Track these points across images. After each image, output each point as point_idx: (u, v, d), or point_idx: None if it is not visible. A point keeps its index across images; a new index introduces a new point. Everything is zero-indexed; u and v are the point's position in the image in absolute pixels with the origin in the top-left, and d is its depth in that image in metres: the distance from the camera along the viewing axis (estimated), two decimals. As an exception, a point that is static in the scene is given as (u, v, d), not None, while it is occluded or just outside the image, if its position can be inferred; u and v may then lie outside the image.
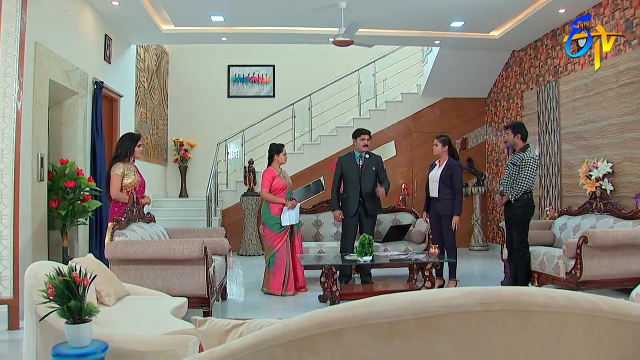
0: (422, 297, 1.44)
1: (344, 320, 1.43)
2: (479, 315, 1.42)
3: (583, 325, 1.46)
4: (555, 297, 1.48)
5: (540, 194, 7.67)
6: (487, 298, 1.44)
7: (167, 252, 4.15)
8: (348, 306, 1.47)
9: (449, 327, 1.41)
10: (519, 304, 1.44)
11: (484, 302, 1.43)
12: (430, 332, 1.41)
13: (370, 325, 1.41)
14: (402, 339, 1.41)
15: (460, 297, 1.44)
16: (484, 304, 1.43)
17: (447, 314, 1.42)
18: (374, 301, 1.46)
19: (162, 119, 10.05)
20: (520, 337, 1.44)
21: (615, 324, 1.48)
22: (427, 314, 1.41)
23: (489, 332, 1.43)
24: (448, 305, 1.42)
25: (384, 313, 1.42)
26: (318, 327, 1.44)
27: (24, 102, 4.68)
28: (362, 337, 1.42)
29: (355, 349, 1.42)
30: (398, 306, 1.43)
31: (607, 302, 1.51)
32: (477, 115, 9.68)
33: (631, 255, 4.88)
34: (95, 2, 6.24)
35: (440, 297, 1.44)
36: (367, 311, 1.44)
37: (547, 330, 1.45)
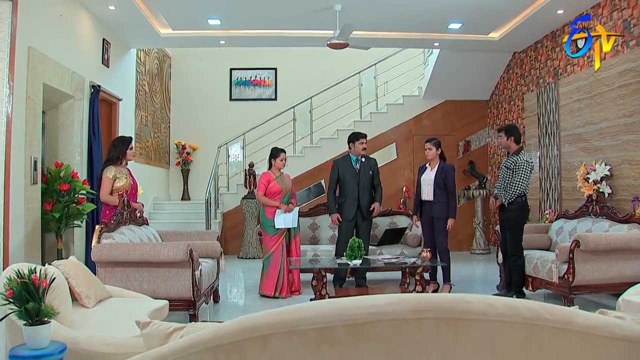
0: (351, 304, 1.42)
1: (271, 325, 1.42)
2: (411, 323, 1.40)
3: (522, 334, 1.43)
4: (494, 305, 1.45)
5: (541, 197, 7.59)
6: (419, 306, 1.41)
7: (153, 255, 4.16)
8: (277, 311, 1.46)
9: (379, 335, 1.39)
10: (453, 312, 1.41)
11: (416, 310, 1.41)
12: (359, 339, 1.39)
13: (297, 331, 1.40)
14: (330, 346, 1.39)
15: (391, 305, 1.42)
16: (416, 312, 1.40)
17: (376, 321, 1.39)
18: (302, 307, 1.45)
19: (164, 122, 10.10)
20: (455, 346, 1.41)
21: (558, 333, 1.44)
22: (356, 321, 1.39)
23: (422, 341, 1.40)
24: (378, 312, 1.40)
25: (312, 319, 1.40)
26: (246, 332, 1.44)
27: (16, 106, 4.73)
28: (290, 343, 1.40)
29: (282, 354, 1.41)
30: (326, 312, 1.41)
31: (550, 311, 1.47)
32: (479, 118, 9.61)
33: (625, 260, 4.80)
34: (92, 7, 6.29)
35: (370, 304, 1.42)
36: (295, 317, 1.42)
37: (484, 339, 1.42)
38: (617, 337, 1.47)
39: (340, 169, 6.13)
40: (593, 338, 1.46)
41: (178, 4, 6.46)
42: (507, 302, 1.45)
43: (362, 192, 6.03)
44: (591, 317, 1.49)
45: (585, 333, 1.46)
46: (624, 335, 1.48)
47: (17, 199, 4.81)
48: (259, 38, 7.59)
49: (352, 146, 6.16)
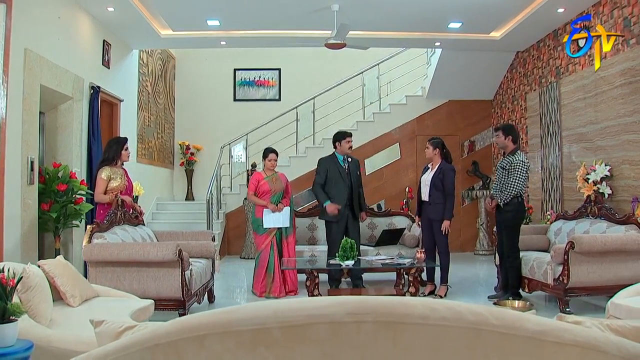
0: (288, 306, 1.41)
1: (207, 326, 1.42)
2: (348, 326, 1.38)
3: (466, 339, 1.40)
4: (436, 308, 1.42)
5: (543, 198, 7.51)
6: (357, 308, 1.40)
7: (142, 255, 4.18)
8: (213, 312, 1.46)
9: (316, 337, 1.38)
10: (392, 316, 1.39)
11: (354, 313, 1.39)
12: (295, 341, 1.38)
13: (233, 332, 1.40)
14: (266, 348, 1.38)
15: (329, 307, 1.40)
16: (354, 315, 1.39)
17: (313, 324, 1.38)
18: (239, 308, 1.44)
19: (168, 123, 10.16)
20: (395, 350, 1.39)
21: (505, 339, 1.41)
22: (292, 323, 1.38)
23: (360, 344, 1.39)
24: (314, 314, 1.39)
25: (247, 320, 1.40)
26: (182, 332, 1.44)
27: (12, 107, 4.79)
28: (226, 344, 1.40)
29: (219, 355, 1.40)
30: (262, 314, 1.40)
31: (497, 315, 1.44)
32: (483, 118, 9.53)
33: (622, 262, 4.72)
34: (91, 9, 6.34)
35: (308, 306, 1.41)
36: (230, 318, 1.42)
37: (425, 343, 1.40)
38: (567, 342, 1.44)
39: (329, 169, 6.07)
40: (542, 344, 1.43)
41: (177, 5, 6.50)
42: (451, 306, 1.42)
43: (353, 192, 6.01)
44: (541, 322, 1.46)
45: (534, 338, 1.43)
46: (574, 341, 1.45)
47: (14, 199, 4.87)
48: (258, 39, 7.61)
49: (338, 145, 6.13)
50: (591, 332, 1.50)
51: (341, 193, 5.98)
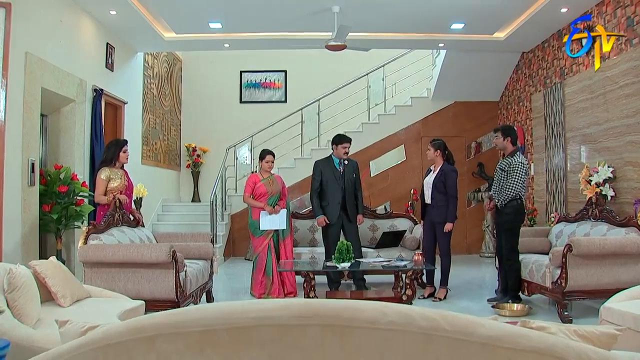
0: (235, 308, 1.41)
1: (156, 326, 1.43)
2: (295, 329, 1.38)
3: (417, 344, 1.39)
4: (386, 312, 1.41)
5: (547, 200, 7.43)
6: (304, 312, 1.39)
7: (136, 256, 4.21)
8: (164, 313, 1.47)
9: (262, 340, 1.38)
10: (339, 319, 1.39)
11: (300, 316, 1.39)
12: (241, 343, 1.38)
13: (181, 333, 1.40)
14: (212, 349, 1.39)
15: (276, 310, 1.40)
16: (300, 318, 1.39)
17: (260, 326, 1.39)
18: (189, 310, 1.45)
19: (175, 125, 10.23)
20: (342, 355, 1.38)
21: (458, 344, 1.39)
22: (239, 325, 1.38)
23: (307, 348, 1.38)
24: (260, 317, 1.39)
25: (195, 322, 1.40)
26: (133, 333, 1.45)
27: (13, 110, 4.86)
28: (175, 345, 1.41)
29: (167, 356, 1.41)
30: (209, 316, 1.41)
31: (449, 320, 1.42)
32: (489, 119, 9.45)
33: (621, 265, 4.65)
34: (94, 13, 6.41)
35: (255, 308, 1.42)
36: (179, 319, 1.42)
37: (373, 348, 1.38)
38: (524, 348, 1.41)
39: (323, 171, 6.06)
40: (497, 350, 1.40)
41: (178, 8, 6.54)
42: (402, 311, 1.41)
43: (347, 195, 5.98)
44: (496, 327, 1.44)
45: (488, 344, 1.40)
46: (531, 347, 1.42)
47: (14, 200, 4.94)
48: (260, 41, 7.64)
49: (334, 148, 6.11)
50: (549, 339, 1.48)
51: (335, 196, 5.96)
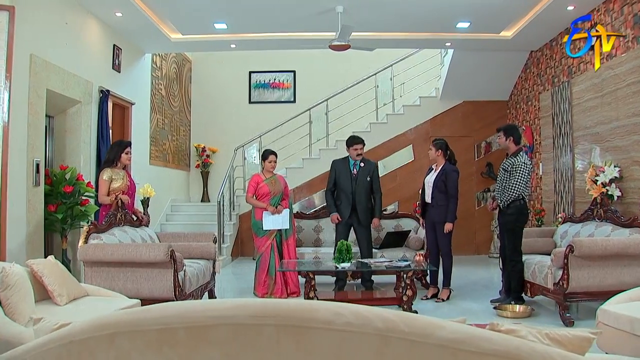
0: (194, 307, 1.42)
1: (116, 324, 1.44)
2: (250, 329, 1.38)
3: (374, 346, 1.38)
4: (342, 313, 1.40)
5: (555, 200, 7.34)
6: (259, 311, 1.40)
7: (134, 255, 4.25)
8: (125, 311, 1.49)
9: (219, 339, 1.39)
10: (295, 320, 1.38)
11: (256, 316, 1.39)
12: (199, 342, 1.39)
13: (140, 331, 1.42)
14: (170, 347, 1.40)
15: (232, 309, 1.41)
16: (256, 317, 1.39)
17: (217, 325, 1.39)
18: (149, 308, 1.46)
19: (184, 125, 10.30)
20: (298, 355, 1.38)
21: (415, 347, 1.37)
22: (196, 324, 1.39)
23: (262, 347, 1.38)
24: (217, 316, 1.40)
25: (153, 320, 1.41)
26: (94, 330, 1.47)
27: (18, 111, 4.94)
28: (134, 343, 1.42)
29: (127, 353, 1.42)
30: (168, 314, 1.42)
31: (409, 322, 1.41)
32: (498, 119, 9.35)
33: (624, 266, 4.57)
34: (100, 14, 6.49)
35: (211, 307, 1.42)
36: (139, 317, 1.44)
37: (329, 349, 1.38)
38: (486, 352, 1.39)
39: (337, 171, 6.08)
40: (456, 352, 1.38)
41: (184, 9, 6.58)
42: (358, 312, 1.40)
43: (358, 197, 5.94)
44: (457, 330, 1.42)
45: (447, 347, 1.38)
46: (492, 350, 1.40)
47: (19, 200, 5.02)
48: (265, 41, 7.66)
49: (347, 150, 6.10)
50: (514, 342, 1.45)
51: (347, 196, 5.95)
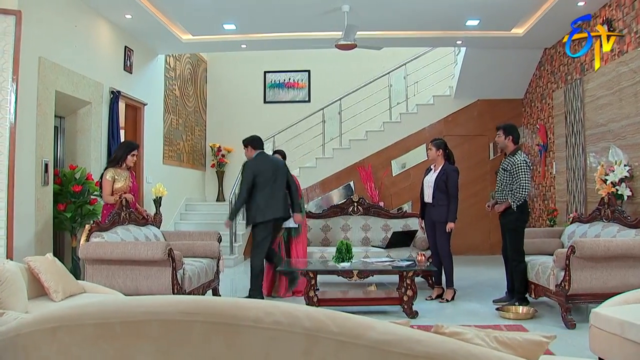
0: (130, 302, 1.46)
1: (58, 318, 1.48)
2: (181, 325, 1.41)
3: (302, 345, 1.38)
4: (272, 312, 1.41)
5: (568, 200, 7.19)
6: (190, 308, 1.42)
7: (133, 254, 4.32)
8: (67, 306, 1.53)
9: (152, 334, 1.41)
10: (223, 317, 1.40)
11: (186, 312, 1.41)
12: (133, 337, 1.42)
13: (79, 325, 1.46)
14: (106, 342, 1.43)
15: (164, 305, 1.44)
16: (187, 314, 1.41)
17: (150, 321, 1.42)
18: (89, 303, 1.50)
19: (199, 125, 10.42)
20: (227, 352, 1.40)
21: (344, 347, 1.37)
22: (130, 319, 1.42)
23: (193, 344, 1.40)
24: (149, 312, 1.43)
25: (92, 315, 1.45)
26: (39, 324, 1.51)
27: (26, 112, 5.08)
28: (74, 337, 1.46)
29: (67, 347, 1.46)
30: (106, 309, 1.46)
31: (338, 322, 1.40)
32: (513, 117, 9.18)
33: (629, 268, 4.46)
34: (110, 17, 6.61)
35: (145, 303, 1.45)
36: (78, 312, 1.48)
37: (258, 347, 1.39)
38: (417, 354, 1.38)
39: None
40: (387, 354, 1.38)
41: (192, 11, 6.66)
42: (288, 311, 1.41)
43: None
44: (389, 331, 1.40)
45: (377, 348, 1.37)
46: (425, 353, 1.38)
47: (27, 199, 5.16)
48: (274, 41, 7.71)
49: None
50: (449, 345, 1.43)
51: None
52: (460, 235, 9.06)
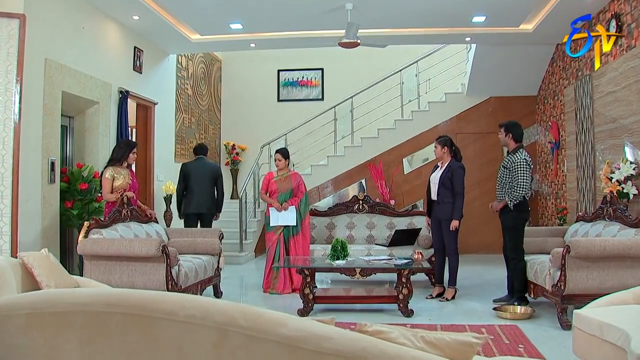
0: (61, 294, 1.54)
1: None
2: (103, 316, 1.47)
3: (213, 338, 1.42)
4: (186, 306, 1.46)
5: (578, 198, 7.05)
6: (112, 300, 1.48)
7: (128, 250, 4.43)
8: (4, 297, 1.60)
9: (77, 324, 1.48)
10: (141, 309, 1.45)
11: (108, 304, 1.47)
12: (61, 326, 1.49)
13: (11, 315, 1.53)
14: (37, 331, 1.50)
15: (89, 297, 1.50)
16: (108, 305, 1.47)
17: (75, 312, 1.49)
18: (24, 295, 1.58)
19: (213, 124, 10.55)
20: (144, 343, 1.45)
21: (254, 342, 1.41)
22: (59, 310, 1.49)
23: (112, 334, 1.46)
24: (76, 303, 1.49)
25: (24, 305, 1.53)
26: None
27: (33, 112, 5.24)
28: (5, 327, 1.53)
29: (1, 337, 1.53)
30: (36, 300, 1.53)
31: (249, 317, 1.43)
32: (526, 114, 9.06)
33: (626, 268, 4.36)
34: (118, 18, 6.75)
35: (74, 295, 1.52)
36: (12, 302, 1.55)
37: (172, 339, 1.44)
38: (327, 352, 1.41)
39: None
40: (296, 350, 1.41)
41: (198, 11, 6.73)
42: (201, 304, 1.45)
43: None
44: (299, 328, 1.43)
45: (286, 344, 1.40)
46: (335, 350, 1.41)
47: (34, 197, 5.31)
48: (280, 40, 7.75)
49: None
50: (360, 344, 1.44)
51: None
52: (472, 233, 8.99)
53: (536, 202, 8.93)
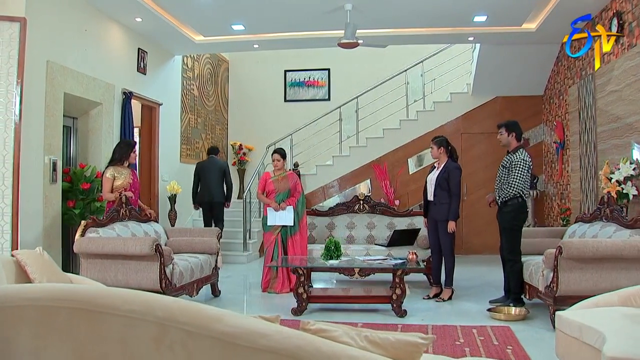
0: (13, 289, 1.58)
1: None
2: (52, 311, 1.52)
3: (153, 332, 1.46)
4: (129, 300, 1.50)
5: (581, 199, 6.98)
6: (59, 295, 1.53)
7: (122, 249, 4.49)
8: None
9: (29, 319, 1.54)
10: (86, 304, 1.50)
11: (55, 298, 1.52)
12: (15, 322, 1.54)
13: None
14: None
15: (40, 292, 1.56)
16: (56, 300, 1.52)
17: (27, 306, 1.54)
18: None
19: (220, 124, 10.63)
20: (89, 337, 1.50)
21: (192, 337, 1.45)
22: (13, 304, 1.54)
23: (61, 328, 1.52)
24: (28, 297, 1.55)
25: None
26: None
27: (34, 114, 5.35)
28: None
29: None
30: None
31: (187, 313, 1.46)
32: (533, 114, 9.00)
33: (620, 270, 4.31)
34: (122, 20, 6.85)
35: (27, 290, 1.57)
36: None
37: (115, 333, 1.48)
38: (261, 347, 1.43)
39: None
40: (232, 347, 1.43)
41: (199, 12, 6.81)
42: (143, 299, 1.49)
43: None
44: (235, 325, 1.44)
45: (223, 340, 1.43)
46: (270, 347, 1.43)
47: (35, 196, 5.42)
48: (282, 41, 7.79)
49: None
50: (295, 342, 1.46)
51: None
52: (476, 234, 8.95)
53: (542, 202, 8.86)
